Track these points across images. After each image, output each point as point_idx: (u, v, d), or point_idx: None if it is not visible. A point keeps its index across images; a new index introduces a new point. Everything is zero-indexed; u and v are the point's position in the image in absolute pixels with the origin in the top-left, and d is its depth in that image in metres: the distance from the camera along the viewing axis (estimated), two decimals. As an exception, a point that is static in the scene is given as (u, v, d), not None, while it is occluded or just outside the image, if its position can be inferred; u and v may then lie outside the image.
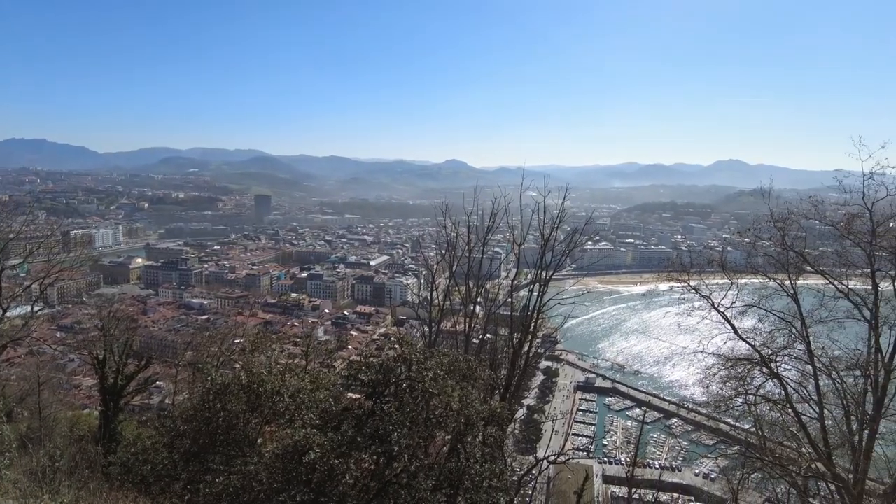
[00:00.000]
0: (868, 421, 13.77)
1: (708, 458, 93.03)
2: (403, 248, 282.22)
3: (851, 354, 14.61)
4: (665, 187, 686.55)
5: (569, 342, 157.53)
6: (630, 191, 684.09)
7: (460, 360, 14.00)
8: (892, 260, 13.80)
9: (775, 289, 15.59)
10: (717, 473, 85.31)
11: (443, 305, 22.52)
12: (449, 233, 22.94)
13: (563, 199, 21.72)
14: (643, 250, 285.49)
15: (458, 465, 12.64)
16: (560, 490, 50.70)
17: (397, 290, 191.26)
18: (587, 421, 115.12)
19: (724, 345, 16.12)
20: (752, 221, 17.28)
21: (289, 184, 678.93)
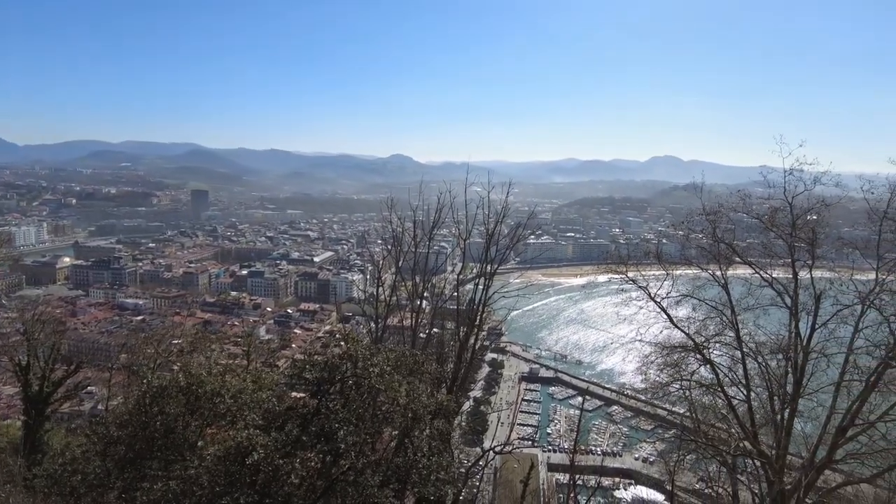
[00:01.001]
0: (789, 400, 14.72)
1: (647, 442, 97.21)
2: (348, 244, 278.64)
3: (775, 339, 15.58)
4: (603, 182, 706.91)
5: (513, 334, 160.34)
6: (570, 186, 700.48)
7: (407, 355, 14.02)
8: (809, 250, 14.77)
9: (707, 279, 16.40)
10: (656, 456, 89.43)
11: (389, 301, 22.45)
12: (395, 228, 22.86)
13: (506, 195, 22.06)
14: (583, 243, 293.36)
15: (405, 460, 12.68)
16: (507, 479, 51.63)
17: (342, 287, 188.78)
18: (532, 410, 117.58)
19: (660, 333, 16.83)
20: (686, 215, 18.07)
21: (228, 178, 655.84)
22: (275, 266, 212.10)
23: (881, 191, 14.23)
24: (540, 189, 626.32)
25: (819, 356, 14.62)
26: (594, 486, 53.95)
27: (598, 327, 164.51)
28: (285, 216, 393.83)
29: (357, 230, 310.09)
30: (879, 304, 13.81)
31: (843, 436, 13.99)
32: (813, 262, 14.82)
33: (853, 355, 13.98)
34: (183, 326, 63.69)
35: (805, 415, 15.27)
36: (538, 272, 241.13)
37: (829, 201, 15.42)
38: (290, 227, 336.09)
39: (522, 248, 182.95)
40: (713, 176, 25.24)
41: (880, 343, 13.75)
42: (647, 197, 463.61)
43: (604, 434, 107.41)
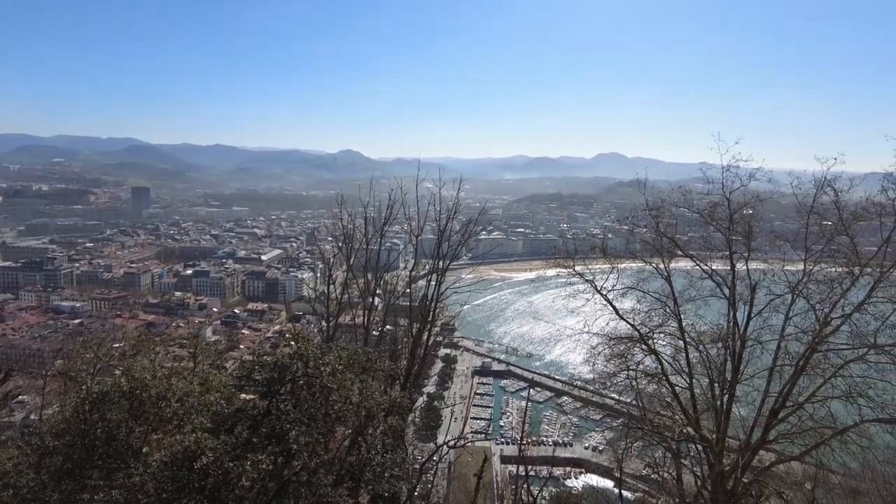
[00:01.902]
0: (727, 386, 15.48)
1: (596, 431, 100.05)
2: (297, 242, 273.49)
3: (715, 328, 16.31)
4: (552, 179, 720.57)
5: (466, 329, 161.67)
6: (520, 182, 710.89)
7: (359, 353, 13.93)
8: (745, 243, 15.56)
9: (651, 272, 16.99)
10: (605, 445, 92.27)
11: (341, 299, 22.19)
12: (345, 225, 22.61)
13: (458, 191, 22.17)
14: (533, 239, 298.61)
15: (359, 458, 12.61)
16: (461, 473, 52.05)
17: (292, 286, 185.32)
18: (485, 404, 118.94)
19: (607, 325, 17.32)
20: (630, 210, 18.65)
21: (170, 175, 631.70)
22: (221, 265, 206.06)
23: (808, 186, 15.12)
24: (490, 185, 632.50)
25: (754, 343, 15.45)
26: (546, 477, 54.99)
27: (547, 320, 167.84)
28: (231, 213, 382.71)
29: (306, 227, 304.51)
30: (807, 293, 14.71)
31: (775, 418, 14.84)
32: (749, 255, 15.63)
33: (784, 342, 14.85)
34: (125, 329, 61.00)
35: (742, 399, 16.06)
36: (490, 267, 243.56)
37: (762, 196, 16.23)
38: (236, 225, 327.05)
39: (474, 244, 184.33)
40: (656, 172, 26.15)
41: (808, 329, 14.64)
42: (594, 193, 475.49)
43: (555, 425, 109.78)
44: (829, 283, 14.49)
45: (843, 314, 14.12)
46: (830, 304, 14.30)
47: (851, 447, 14.53)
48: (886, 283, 13.65)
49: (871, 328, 13.68)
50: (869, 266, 14.02)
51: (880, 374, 13.59)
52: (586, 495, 39.36)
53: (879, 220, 14.21)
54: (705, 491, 16.15)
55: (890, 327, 13.44)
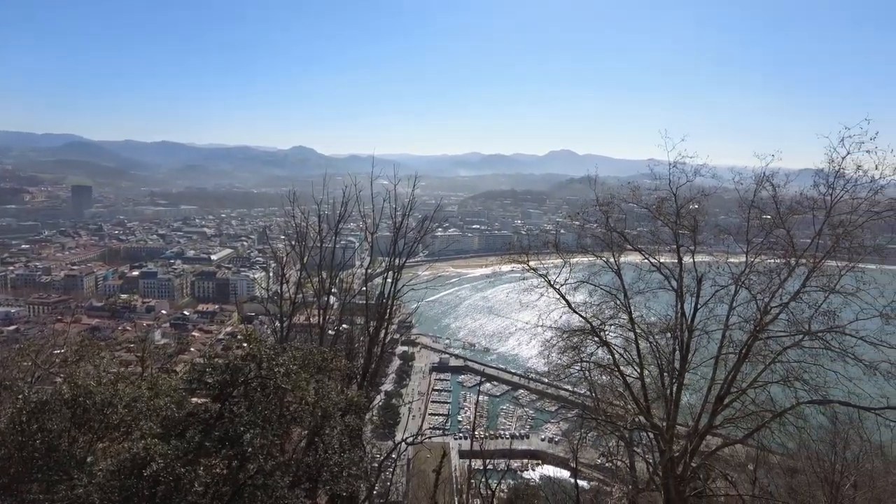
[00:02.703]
0: (676, 375, 16.07)
1: (552, 423, 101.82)
2: (249, 241, 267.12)
3: (663, 320, 16.89)
4: (505, 176, 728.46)
5: (423, 326, 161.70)
6: (474, 179, 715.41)
7: (314, 352, 13.76)
8: (691, 237, 16.14)
9: (602, 266, 17.42)
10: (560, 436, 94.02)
11: (294, 298, 21.81)
12: (298, 223, 22.22)
13: (413, 188, 22.13)
14: (488, 235, 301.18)
15: (316, 459, 12.48)
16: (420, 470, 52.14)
17: (243, 286, 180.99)
18: (443, 400, 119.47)
19: (560, 318, 17.68)
20: (581, 206, 19.07)
21: (114, 172, 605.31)
22: (169, 265, 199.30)
23: (749, 182, 15.86)
24: (446, 182, 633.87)
25: (701, 333, 16.07)
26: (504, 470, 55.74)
27: (503, 315, 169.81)
28: (179, 212, 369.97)
29: (258, 226, 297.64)
30: (749, 284, 15.42)
31: (721, 404, 15.50)
32: (695, 248, 16.22)
33: (729, 331, 15.52)
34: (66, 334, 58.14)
35: (690, 387, 16.71)
36: (446, 264, 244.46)
37: (707, 192, 16.88)
38: (184, 224, 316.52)
39: (430, 241, 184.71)
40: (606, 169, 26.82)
41: (750, 318, 15.35)
42: (547, 189, 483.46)
43: (511, 418, 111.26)
44: (769, 274, 15.23)
45: (781, 303, 14.86)
46: (770, 293, 15.02)
47: (789, 428, 15.37)
48: (819, 273, 14.44)
49: (806, 315, 14.46)
50: (803, 257, 14.80)
51: (814, 358, 14.36)
52: (543, 486, 40.10)
53: (812, 213, 15.05)
54: (657, 477, 16.73)
55: (822, 314, 14.22)
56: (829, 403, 14.59)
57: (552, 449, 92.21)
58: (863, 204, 14.44)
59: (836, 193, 14.54)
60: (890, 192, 14.30)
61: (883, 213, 14.20)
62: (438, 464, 23.61)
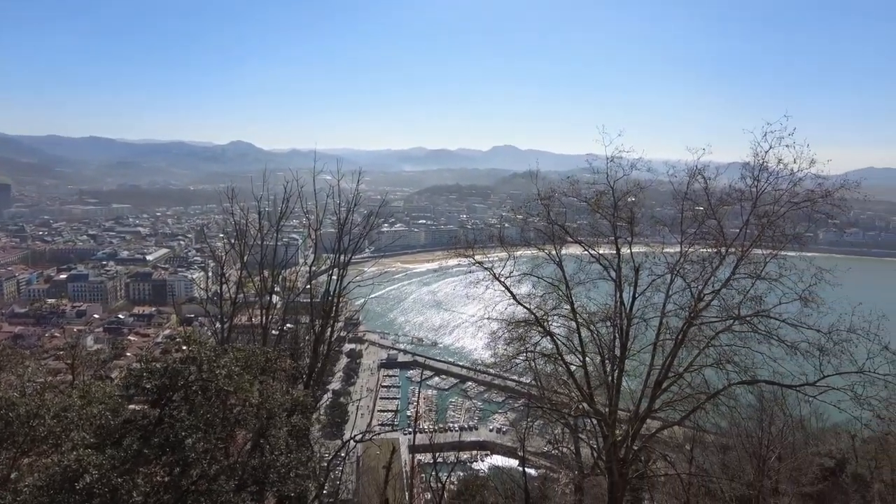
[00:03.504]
0: (617, 362, 16.65)
1: (499, 413, 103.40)
2: (186, 240, 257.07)
3: (604, 309, 17.46)
4: (450, 171, 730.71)
5: (371, 322, 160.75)
6: (420, 174, 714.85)
7: (257, 353, 13.49)
8: (628, 229, 16.72)
9: (545, 258, 17.82)
10: (508, 426, 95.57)
11: (236, 299, 21.19)
12: (238, 220, 21.58)
13: (357, 183, 21.87)
14: (434, 230, 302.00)
15: (262, 461, 12.24)
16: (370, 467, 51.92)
17: (182, 287, 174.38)
18: (391, 396, 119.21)
19: (506, 310, 17.97)
20: (524, 201, 19.40)
21: (36, 169, 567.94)
22: (101, 267, 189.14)
23: (682, 175, 16.56)
24: (391, 177, 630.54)
25: (639, 321, 16.73)
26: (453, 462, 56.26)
27: (450, 309, 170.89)
28: (111, 211, 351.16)
29: (195, 224, 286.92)
30: (683, 273, 16.15)
31: (659, 388, 16.16)
32: (632, 239, 16.82)
33: (665, 318, 16.23)
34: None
35: (631, 373, 17.36)
36: (393, 259, 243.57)
37: (643, 185, 17.47)
38: (116, 224, 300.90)
39: (376, 237, 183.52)
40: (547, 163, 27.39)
41: (685, 306, 16.08)
42: (491, 184, 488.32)
43: (460, 410, 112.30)
44: (702, 263, 15.99)
45: (713, 290, 15.64)
46: (703, 281, 15.78)
47: (722, 409, 16.29)
48: (747, 261, 15.29)
49: (736, 301, 15.30)
50: (733, 246, 15.61)
51: (743, 341, 15.23)
52: (492, 477, 40.72)
53: (740, 204, 15.92)
54: (601, 461, 17.31)
55: (750, 300, 15.09)
56: (757, 383, 15.52)
57: (500, 439, 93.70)
58: (784, 195, 15.38)
59: (760, 185, 15.48)
60: (807, 184, 15.24)
61: (801, 203, 15.14)
62: (388, 460, 23.59)
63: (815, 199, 14.90)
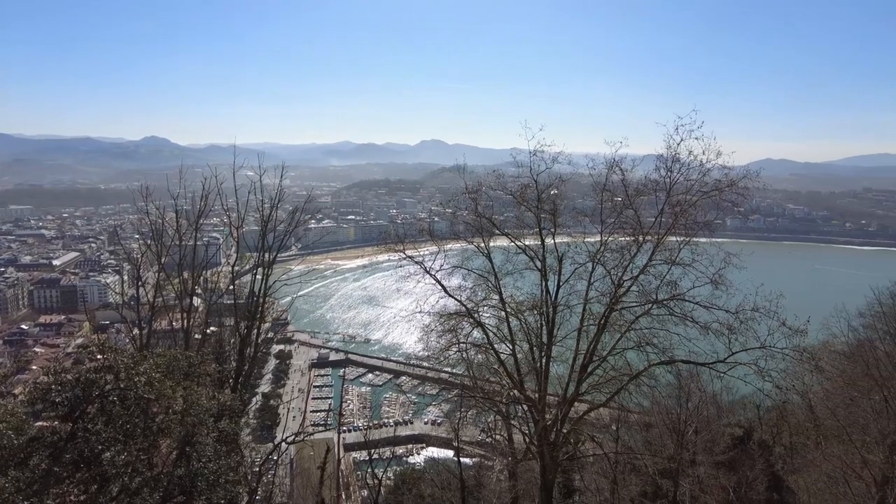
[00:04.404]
0: (545, 349, 17.19)
1: (433, 405, 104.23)
2: (98, 242, 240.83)
3: (530, 298, 17.97)
4: (379, 165, 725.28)
5: (300, 322, 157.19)
6: (347, 169, 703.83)
7: (179, 358, 12.89)
8: (552, 220, 17.27)
9: (474, 251, 18.11)
10: (442, 418, 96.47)
11: (154, 302, 20.10)
12: (154, 220, 20.43)
13: (280, 178, 21.24)
14: (364, 225, 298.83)
15: (188, 469, 11.76)
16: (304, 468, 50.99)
17: (94, 292, 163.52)
18: (324, 395, 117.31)
19: (437, 303, 18.14)
20: (452, 194, 19.59)
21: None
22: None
23: (601, 167, 17.27)
24: (317, 172, 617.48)
25: (564, 308, 17.37)
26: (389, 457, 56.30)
27: (382, 304, 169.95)
28: (8, 213, 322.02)
29: (107, 225, 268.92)
30: (604, 261, 16.89)
31: (585, 372, 16.86)
32: (555, 230, 17.39)
33: (588, 304, 16.92)
34: None
35: (558, 359, 17.95)
36: (322, 256, 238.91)
37: (564, 178, 18.08)
38: (15, 227, 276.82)
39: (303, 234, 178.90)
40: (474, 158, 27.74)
41: (606, 292, 16.84)
42: (419, 178, 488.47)
43: (395, 405, 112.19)
44: (621, 251, 16.77)
45: (632, 276, 16.46)
46: (622, 268, 16.58)
47: (643, 388, 17.20)
48: (662, 248, 16.18)
49: (653, 286, 16.19)
50: (649, 234, 16.46)
51: (661, 324, 16.16)
52: (428, 469, 41.03)
53: (655, 194, 16.80)
54: (533, 446, 17.81)
55: (666, 284, 16.00)
56: (675, 363, 16.49)
57: (435, 431, 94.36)
58: (695, 185, 16.40)
59: (673, 176, 16.42)
60: (715, 174, 16.31)
61: (710, 192, 16.19)
62: (322, 460, 23.23)
63: (722, 189, 15.97)
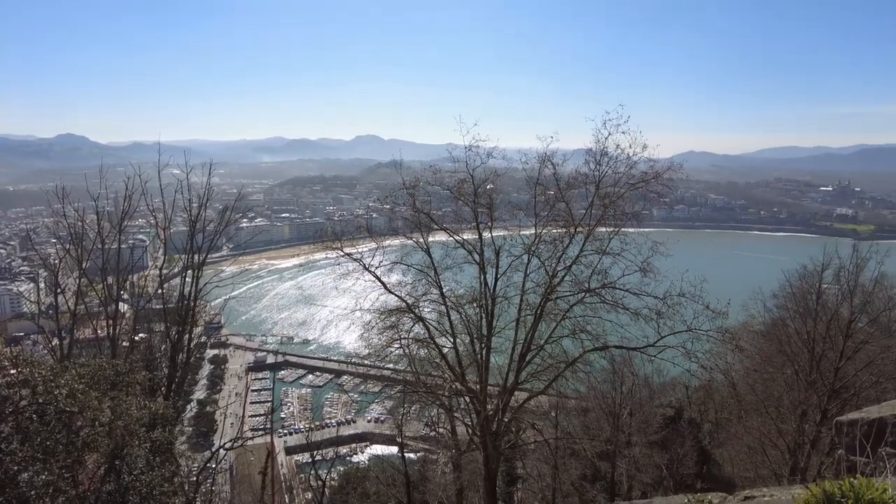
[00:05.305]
0: (485, 340, 17.50)
1: (376, 403, 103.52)
2: (8, 248, 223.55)
3: (470, 291, 18.26)
4: (313, 161, 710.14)
5: (235, 325, 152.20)
6: (279, 165, 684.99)
7: (105, 367, 12.24)
8: (488, 214, 17.58)
9: (413, 246, 18.19)
10: (386, 414, 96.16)
11: (75, 310, 18.96)
12: (73, 222, 19.25)
13: (209, 176, 20.50)
14: (299, 223, 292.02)
15: (118, 484, 11.21)
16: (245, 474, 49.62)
17: (6, 302, 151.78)
18: (262, 399, 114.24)
19: (377, 300, 18.08)
20: (390, 190, 19.53)
21: None
22: None
23: (534, 162, 17.72)
24: (248, 169, 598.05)
25: (503, 300, 17.73)
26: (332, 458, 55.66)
27: (320, 303, 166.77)
28: None
29: (19, 229, 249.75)
30: (538, 253, 17.37)
31: (524, 361, 17.30)
32: (492, 224, 17.73)
33: (525, 295, 17.36)
34: None
35: (498, 350, 18.33)
36: (256, 256, 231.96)
37: (499, 172, 18.43)
38: None
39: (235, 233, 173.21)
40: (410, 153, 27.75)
41: (541, 283, 17.33)
42: (356, 174, 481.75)
43: (337, 405, 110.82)
44: (554, 243, 17.30)
45: (565, 267, 17.01)
46: (556, 259, 17.10)
47: (580, 375, 17.89)
48: (593, 239, 16.82)
49: (585, 276, 16.79)
50: (580, 226, 17.06)
51: (594, 312, 16.80)
52: (373, 466, 40.87)
53: (585, 187, 17.42)
54: (476, 437, 18.12)
55: (597, 273, 16.65)
56: (608, 348, 17.22)
57: (379, 428, 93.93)
58: (622, 177, 17.10)
59: (602, 169, 17.06)
60: (641, 166, 17.08)
61: (637, 184, 16.93)
62: (264, 465, 22.71)
63: (648, 180, 16.72)
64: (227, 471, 54.87)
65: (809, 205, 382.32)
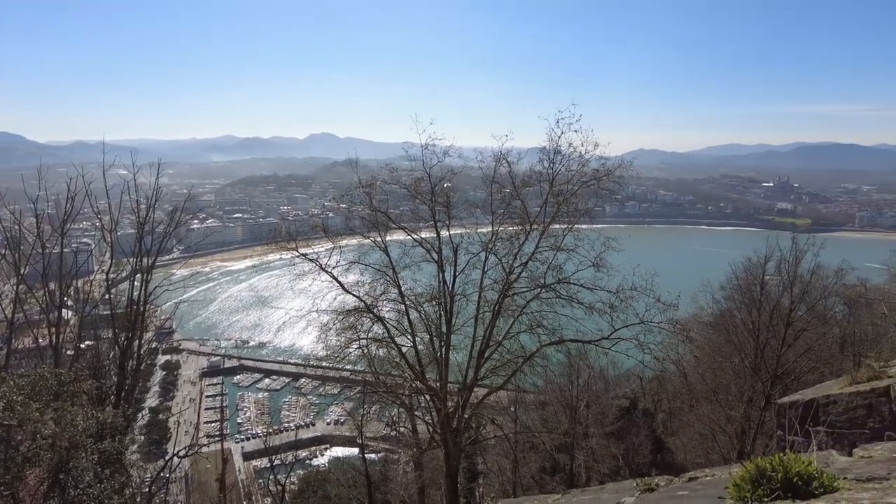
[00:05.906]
0: (444, 338, 17.60)
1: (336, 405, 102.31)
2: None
3: (429, 289, 18.33)
4: (265, 160, 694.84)
5: (187, 329, 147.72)
6: (231, 165, 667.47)
7: (48, 376, 11.73)
8: (446, 212, 17.68)
9: (370, 245, 18.12)
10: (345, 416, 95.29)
11: (13, 318, 18.05)
12: (9, 226, 18.32)
13: (156, 176, 19.86)
14: (252, 224, 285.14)
15: (63, 499, 10.79)
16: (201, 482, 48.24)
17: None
18: (218, 405, 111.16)
19: (335, 300, 17.95)
20: (346, 189, 19.39)
21: None
22: None
23: (490, 160, 17.94)
24: (198, 169, 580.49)
25: (461, 297, 17.88)
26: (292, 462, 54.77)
27: (275, 305, 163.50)
28: None
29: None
30: (495, 250, 17.61)
31: (483, 357, 17.49)
32: (450, 222, 17.86)
33: (483, 292, 17.58)
34: None
35: (457, 347, 18.48)
36: (207, 258, 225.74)
37: (456, 171, 18.57)
38: None
39: (185, 235, 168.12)
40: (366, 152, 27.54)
41: (499, 279, 17.57)
42: (311, 173, 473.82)
43: (295, 408, 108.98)
44: (511, 240, 17.57)
45: (521, 263, 17.29)
46: (513, 256, 17.36)
47: (537, 369, 18.21)
48: (548, 236, 17.16)
49: (541, 272, 17.13)
50: (535, 223, 17.36)
51: (550, 307, 17.17)
52: (333, 468, 40.47)
53: (540, 185, 17.74)
54: (436, 434, 18.21)
55: (553, 269, 17.00)
56: (564, 342, 17.62)
57: (339, 430, 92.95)
58: (575, 175, 17.50)
59: (556, 167, 17.43)
60: (593, 164, 17.52)
61: (589, 181, 17.35)
62: (220, 472, 22.19)
63: (600, 178, 17.18)
64: (182, 479, 53.22)
65: (753, 200, 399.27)
